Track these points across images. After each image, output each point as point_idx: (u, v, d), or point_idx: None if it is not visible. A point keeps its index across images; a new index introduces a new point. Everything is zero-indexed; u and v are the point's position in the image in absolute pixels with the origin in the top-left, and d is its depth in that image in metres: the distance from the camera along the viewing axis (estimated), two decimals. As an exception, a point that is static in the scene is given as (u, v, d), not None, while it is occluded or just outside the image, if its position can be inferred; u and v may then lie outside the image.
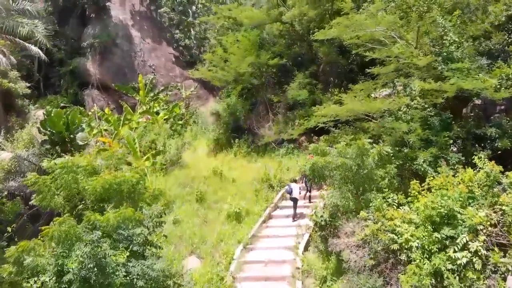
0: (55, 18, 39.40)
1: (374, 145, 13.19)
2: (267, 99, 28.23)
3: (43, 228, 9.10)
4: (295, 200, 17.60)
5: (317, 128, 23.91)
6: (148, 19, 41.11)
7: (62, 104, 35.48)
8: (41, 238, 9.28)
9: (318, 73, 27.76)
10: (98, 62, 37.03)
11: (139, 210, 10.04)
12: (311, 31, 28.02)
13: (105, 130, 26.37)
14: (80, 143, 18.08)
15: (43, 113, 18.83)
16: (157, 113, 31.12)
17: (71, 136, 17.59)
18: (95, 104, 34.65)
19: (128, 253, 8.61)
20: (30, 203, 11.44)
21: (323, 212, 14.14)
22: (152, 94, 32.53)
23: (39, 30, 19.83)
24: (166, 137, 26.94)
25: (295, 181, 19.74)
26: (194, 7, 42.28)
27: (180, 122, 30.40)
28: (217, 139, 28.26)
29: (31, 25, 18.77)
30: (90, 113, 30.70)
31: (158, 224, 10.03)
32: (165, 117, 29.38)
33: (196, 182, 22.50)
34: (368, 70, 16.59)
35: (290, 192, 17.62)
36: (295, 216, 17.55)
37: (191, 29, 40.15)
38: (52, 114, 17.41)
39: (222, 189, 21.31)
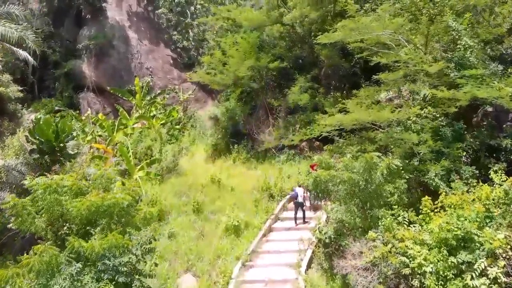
0: (50, 19, 38.62)
1: (382, 157, 12.30)
2: (267, 103, 27.35)
3: (22, 258, 8.20)
4: (301, 205, 17.19)
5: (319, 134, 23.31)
6: (145, 20, 40.22)
7: (56, 108, 34.73)
8: (20, 267, 8.38)
9: (319, 77, 26.89)
10: (94, 64, 36.15)
11: (128, 235, 9.13)
12: (312, 33, 27.22)
13: (100, 135, 25.47)
14: (71, 152, 17.17)
15: (32, 120, 17.91)
16: (154, 117, 30.21)
17: (61, 145, 16.66)
18: (89, 108, 33.76)
19: (112, 287, 7.71)
20: (9, 226, 10.56)
21: (328, 228, 13.24)
22: (148, 98, 31.61)
23: (28, 36, 18.86)
24: (163, 142, 26.06)
25: (300, 185, 18.83)
26: (192, 8, 41.37)
27: (177, 126, 29.50)
28: (215, 145, 27.39)
29: (19, 31, 17.84)
30: (84, 117, 29.79)
31: (147, 251, 9.11)
32: (162, 122, 28.47)
33: (193, 190, 21.62)
34: (375, 77, 15.65)
35: (296, 197, 17.23)
36: (304, 219, 17.37)
37: (190, 31, 39.27)
38: (41, 122, 16.48)
39: (220, 199, 20.42)
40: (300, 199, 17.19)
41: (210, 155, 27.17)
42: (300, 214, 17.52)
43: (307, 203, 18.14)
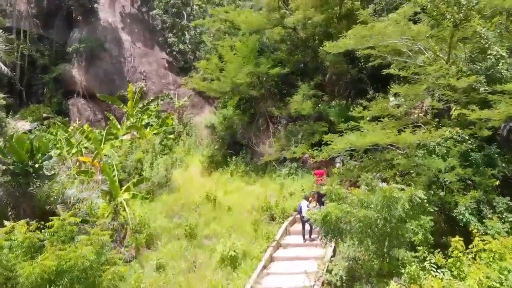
0: (39, 21, 36.79)
1: (403, 187, 10.47)
2: (267, 112, 25.49)
3: None
4: (307, 221, 15.66)
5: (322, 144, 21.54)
6: (139, 22, 38.36)
7: (44, 115, 32.93)
8: None
9: (323, 83, 25.04)
10: (85, 68, 34.29)
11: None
12: (316, 37, 25.41)
13: (86, 147, 23.62)
14: (48, 173, 15.32)
15: (4, 140, 16.12)
16: (147, 125, 28.38)
17: (36, 165, 14.82)
18: (79, 116, 31.91)
19: None
20: None
21: (338, 268, 11.39)
22: (141, 105, 29.71)
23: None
24: (155, 155, 24.22)
25: (307, 198, 17.19)
26: (189, 9, 39.55)
27: (171, 136, 27.63)
28: (211, 156, 25.52)
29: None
30: (72, 128, 27.92)
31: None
32: (155, 132, 26.61)
33: (186, 210, 19.83)
34: (394, 90, 13.69)
35: (300, 211, 16.21)
36: (310, 234, 16.20)
37: (186, 33, 37.39)
38: (13, 140, 14.64)
39: (216, 220, 18.59)
40: (304, 215, 15.73)
41: (206, 167, 25.30)
42: (307, 227, 16.21)
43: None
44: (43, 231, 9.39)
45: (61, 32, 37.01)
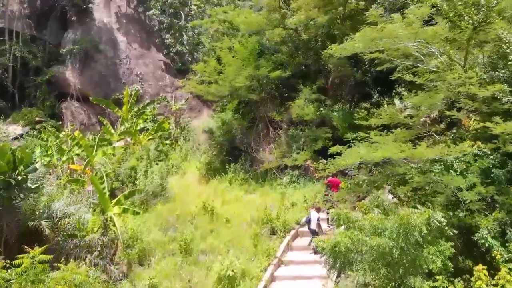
0: (32, 21, 35.74)
1: (418, 206, 9.42)
2: (268, 117, 24.43)
3: None
4: (313, 232, 15.22)
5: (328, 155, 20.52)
6: (135, 22, 37.28)
7: (37, 119, 31.90)
8: None
9: (326, 87, 23.98)
10: (79, 70, 33.23)
11: None
12: (319, 39, 24.35)
13: (78, 155, 22.55)
14: (32, 186, 14.25)
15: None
16: (143, 130, 27.32)
17: (19, 178, 13.75)
18: (70, 121, 30.81)
19: None
20: None
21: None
22: (136, 109, 28.60)
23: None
24: (149, 161, 23.16)
25: (318, 209, 16.11)
26: (187, 9, 38.49)
27: (167, 142, 26.56)
28: (209, 163, 24.46)
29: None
30: (65, 131, 26.86)
31: None
32: (150, 137, 25.53)
33: (182, 221, 18.73)
34: (410, 102, 12.57)
35: (308, 222, 15.43)
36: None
37: (184, 34, 36.31)
38: (-6, 150, 13.56)
39: (213, 234, 17.50)
40: (312, 226, 15.23)
41: (204, 174, 24.23)
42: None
43: (324, 226, 16.16)
44: (9, 270, 8.28)
45: (54, 33, 35.98)
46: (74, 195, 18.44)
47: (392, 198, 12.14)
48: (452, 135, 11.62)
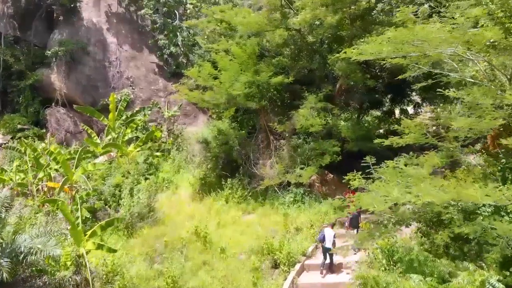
0: (16, 21, 33.34)
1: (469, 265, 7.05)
2: (269, 127, 22.10)
3: None
4: (328, 250, 14.02)
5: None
6: (127, 22, 34.87)
7: (19, 126, 29.50)
8: None
9: (333, 94, 21.63)
10: (64, 74, 30.80)
11: None
12: (324, 40, 22.06)
13: (56, 170, 20.15)
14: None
15: None
16: (133, 140, 24.96)
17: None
18: (55, 129, 28.46)
19: None
20: None
21: None
22: (124, 117, 26.17)
23: None
24: (137, 177, 20.81)
25: (333, 225, 15.19)
26: (181, 9, 36.09)
27: (157, 154, 24.17)
28: (203, 178, 22.08)
29: None
30: (45, 142, 24.48)
31: None
32: (138, 149, 23.15)
33: (170, 250, 16.47)
34: (456, 124, 10.10)
35: (323, 240, 14.26)
36: (330, 267, 14.24)
37: (178, 34, 33.87)
38: None
39: (206, 267, 15.25)
40: (327, 244, 14.06)
41: (198, 190, 21.87)
42: (327, 259, 14.23)
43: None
44: None
45: (40, 34, 33.54)
46: (49, 220, 16.14)
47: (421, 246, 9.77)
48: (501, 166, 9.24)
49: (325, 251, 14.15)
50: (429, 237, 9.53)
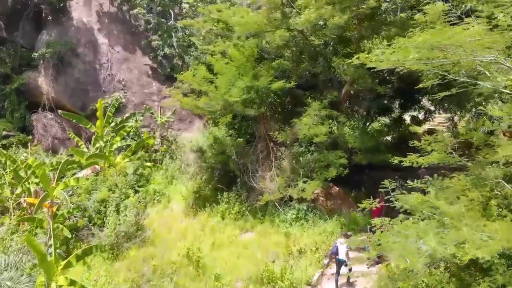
0: (2, 21, 31.67)
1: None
2: (269, 136, 20.42)
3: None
4: (343, 263, 13.03)
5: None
6: (119, 22, 33.20)
7: (4, 132, 27.82)
8: None
9: (339, 99, 19.94)
10: (52, 77, 29.12)
11: None
12: (330, 42, 20.40)
13: (37, 184, 18.43)
14: None
15: None
16: (121, 149, 23.28)
17: None
18: (41, 136, 26.77)
19: None
20: None
21: None
22: (113, 124, 24.42)
23: None
24: (125, 190, 19.11)
25: (346, 235, 14.07)
26: (177, 8, 34.44)
27: (148, 164, 22.46)
28: (197, 191, 20.40)
29: None
30: (29, 150, 22.75)
31: None
32: (126, 160, 21.42)
33: (159, 276, 14.77)
34: (502, 151, 8.38)
35: (336, 253, 13.15)
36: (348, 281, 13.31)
37: (173, 34, 32.19)
38: None
39: (198, 297, 13.54)
40: (341, 256, 13.03)
41: (191, 204, 20.19)
42: (344, 269, 13.16)
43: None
44: None
45: (28, 34, 31.88)
46: (23, 247, 14.45)
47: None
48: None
49: (339, 265, 13.14)
50: (462, 282, 7.88)
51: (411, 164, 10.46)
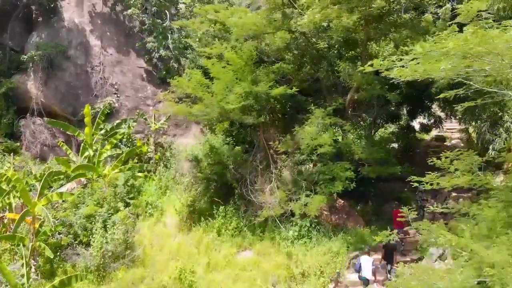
0: (-9, 23, 30.30)
1: None
2: (269, 145, 19.11)
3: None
4: (367, 282, 12.62)
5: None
6: (112, 23, 31.80)
7: (-9, 140, 26.43)
8: None
9: (344, 106, 18.61)
10: (42, 80, 27.71)
11: None
12: (334, 44, 19.09)
13: (20, 198, 17.04)
14: None
15: None
16: (112, 158, 21.94)
17: None
18: (30, 142, 25.43)
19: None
20: None
21: None
22: (103, 131, 23.04)
23: None
24: (114, 204, 17.77)
25: (369, 252, 13.45)
26: (173, 9, 33.08)
27: (140, 174, 21.10)
28: (192, 204, 19.05)
29: None
30: (11, 160, 21.39)
31: None
32: (116, 171, 20.05)
33: (148, 303, 13.42)
34: None
35: (359, 270, 12.75)
36: None
37: (169, 36, 30.83)
38: None
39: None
40: (366, 274, 12.53)
41: (185, 219, 18.85)
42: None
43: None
44: None
45: (17, 36, 30.48)
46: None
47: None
48: None
49: (364, 283, 12.80)
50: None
51: (431, 187, 9.14)
